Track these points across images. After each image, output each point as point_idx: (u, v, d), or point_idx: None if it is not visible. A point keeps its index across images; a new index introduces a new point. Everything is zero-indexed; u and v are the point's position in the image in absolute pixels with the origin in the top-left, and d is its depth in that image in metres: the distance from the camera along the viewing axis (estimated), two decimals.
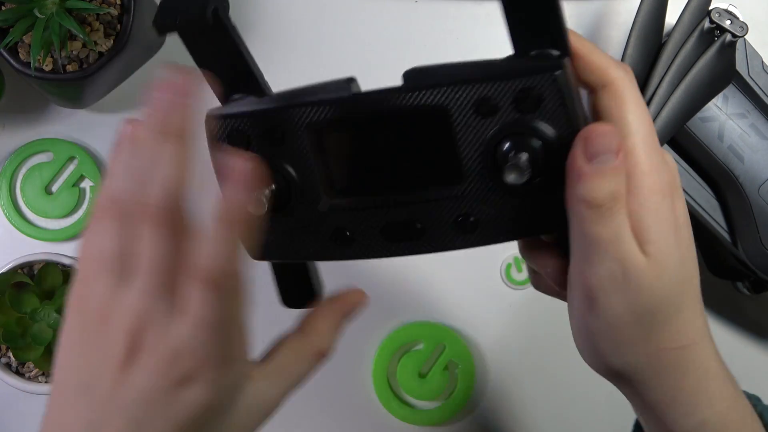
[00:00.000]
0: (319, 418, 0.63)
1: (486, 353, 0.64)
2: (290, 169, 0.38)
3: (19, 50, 0.51)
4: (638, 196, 0.34)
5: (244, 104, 0.39)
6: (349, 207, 0.39)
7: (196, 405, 0.34)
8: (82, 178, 0.62)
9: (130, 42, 0.51)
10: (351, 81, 0.37)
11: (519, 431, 0.64)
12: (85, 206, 0.62)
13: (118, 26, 0.52)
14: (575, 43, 0.36)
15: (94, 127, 0.62)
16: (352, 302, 0.41)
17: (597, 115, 0.36)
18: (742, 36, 0.51)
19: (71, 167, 0.61)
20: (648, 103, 0.51)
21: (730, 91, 0.53)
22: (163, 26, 0.36)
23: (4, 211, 0.61)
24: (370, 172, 0.38)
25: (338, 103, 0.37)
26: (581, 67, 0.36)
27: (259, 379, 0.38)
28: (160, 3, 0.36)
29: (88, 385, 0.34)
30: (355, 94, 0.37)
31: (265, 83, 0.39)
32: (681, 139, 0.53)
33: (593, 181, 0.33)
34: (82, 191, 0.62)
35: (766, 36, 0.65)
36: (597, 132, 0.33)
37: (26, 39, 0.51)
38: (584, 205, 0.33)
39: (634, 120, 0.35)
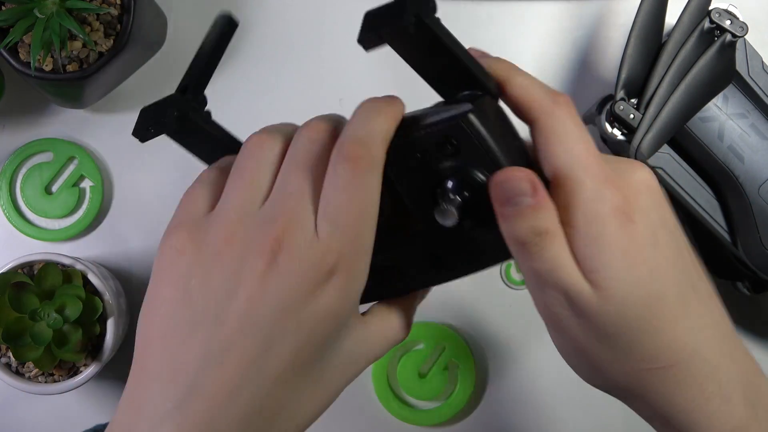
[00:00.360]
0: (319, 418, 0.63)
1: (486, 353, 0.64)
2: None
3: (19, 50, 0.51)
4: (576, 227, 0.34)
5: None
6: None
7: (328, 309, 0.33)
8: (82, 178, 0.62)
9: (130, 42, 0.51)
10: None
11: (519, 431, 0.64)
12: (85, 206, 0.62)
13: (118, 26, 0.52)
14: (509, 79, 0.35)
15: (94, 127, 0.62)
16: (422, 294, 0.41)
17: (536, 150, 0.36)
18: (742, 36, 0.51)
19: (71, 167, 0.61)
20: (648, 104, 0.50)
21: (730, 91, 0.52)
22: (366, 40, 0.35)
23: (4, 211, 0.61)
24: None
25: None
26: (511, 104, 0.36)
27: (359, 332, 0.36)
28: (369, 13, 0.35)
29: (202, 318, 0.33)
30: None
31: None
32: (681, 139, 0.53)
33: (512, 222, 0.33)
34: (82, 191, 0.62)
35: (766, 36, 0.65)
36: (506, 177, 0.34)
37: (26, 39, 0.51)
38: (511, 243, 0.34)
39: (562, 152, 0.34)
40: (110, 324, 0.57)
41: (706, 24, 0.52)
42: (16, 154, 0.61)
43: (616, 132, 0.52)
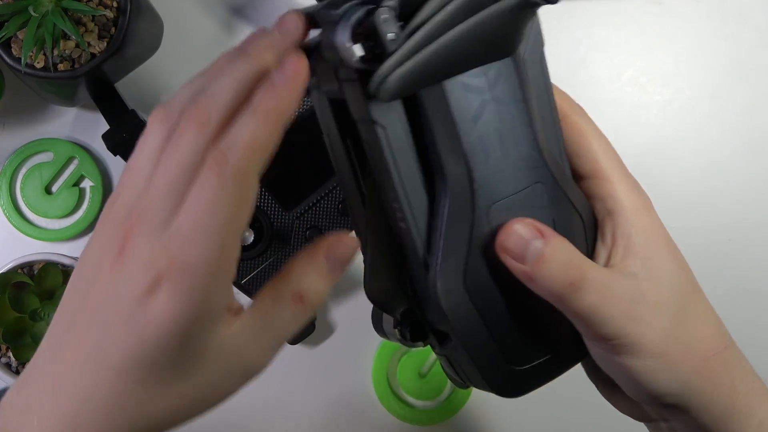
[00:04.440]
0: (319, 418, 0.63)
1: None
2: None
3: (12, 45, 0.52)
4: (623, 215, 0.35)
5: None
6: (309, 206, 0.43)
7: (159, 315, 0.31)
8: (82, 178, 0.62)
9: (124, 45, 0.51)
10: None
11: (519, 431, 0.64)
12: (85, 206, 0.62)
13: (113, 29, 0.52)
14: None
15: (94, 127, 0.62)
16: (330, 242, 0.36)
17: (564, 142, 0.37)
18: (553, 2, 0.33)
19: (71, 167, 0.62)
20: (415, 29, 0.32)
21: (506, 65, 0.35)
22: None
23: (4, 211, 0.61)
24: (308, 173, 0.39)
25: None
26: None
27: (234, 323, 0.34)
28: None
29: (69, 307, 0.33)
30: None
31: None
32: (427, 99, 0.34)
33: (544, 277, 0.33)
34: (82, 191, 0.62)
35: (766, 36, 0.65)
36: (507, 233, 0.34)
37: (20, 35, 0.51)
38: (557, 297, 0.33)
39: (599, 147, 0.37)
40: None
41: None
42: (16, 154, 0.61)
43: (357, 50, 0.32)
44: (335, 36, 0.32)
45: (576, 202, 0.36)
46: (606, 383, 0.40)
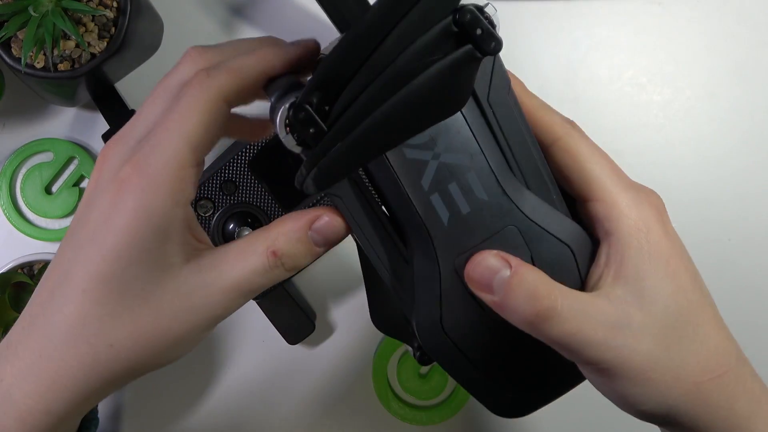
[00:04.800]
0: (319, 418, 0.63)
1: None
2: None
3: (12, 45, 0.52)
4: (620, 237, 0.34)
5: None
6: (308, 207, 0.48)
7: (119, 228, 0.32)
8: (82, 178, 0.62)
9: (124, 45, 0.51)
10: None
11: (519, 431, 0.64)
12: None
13: (113, 29, 0.52)
14: (525, 101, 0.36)
15: (94, 127, 0.62)
16: (321, 217, 0.37)
17: (555, 170, 0.37)
18: (494, 53, 0.31)
19: (71, 167, 0.62)
20: (338, 116, 0.31)
21: (455, 121, 0.35)
22: None
23: (4, 211, 0.61)
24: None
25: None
26: (533, 124, 0.36)
27: (199, 255, 0.35)
28: None
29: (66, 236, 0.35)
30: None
31: None
32: (374, 172, 0.36)
33: (512, 307, 0.33)
34: (82, 191, 0.62)
35: (765, 35, 0.65)
36: (474, 264, 0.34)
37: (20, 35, 0.51)
38: (528, 326, 0.33)
39: (594, 167, 0.36)
40: None
41: (450, 24, 0.31)
42: (16, 154, 0.61)
43: (291, 141, 0.32)
44: (274, 126, 0.33)
45: (560, 233, 0.36)
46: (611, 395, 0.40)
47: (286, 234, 0.35)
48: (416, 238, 0.36)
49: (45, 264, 0.58)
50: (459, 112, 0.34)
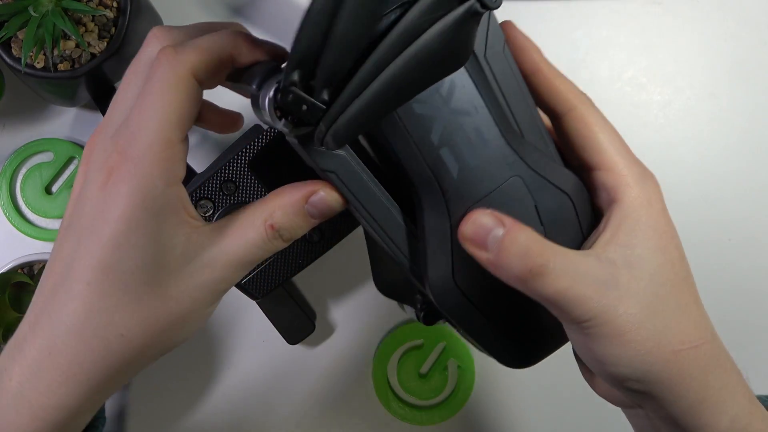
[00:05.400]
0: (319, 418, 0.63)
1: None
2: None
3: (12, 45, 0.52)
4: (623, 206, 0.36)
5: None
6: None
7: (115, 216, 0.32)
8: None
9: (124, 45, 0.51)
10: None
11: (519, 431, 0.64)
12: None
13: (113, 29, 0.52)
14: (543, 68, 0.38)
15: (94, 127, 0.62)
16: (317, 191, 0.37)
17: (566, 138, 0.38)
18: (495, 8, 0.32)
19: (71, 167, 0.62)
20: (345, 79, 0.31)
21: (460, 76, 0.36)
22: None
23: (4, 211, 0.61)
24: (307, 173, 0.41)
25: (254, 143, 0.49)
26: (542, 89, 0.38)
27: (201, 233, 0.35)
28: None
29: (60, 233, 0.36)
30: (265, 129, 0.50)
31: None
32: (385, 130, 0.37)
33: (505, 264, 0.34)
34: None
35: (765, 35, 0.65)
36: (467, 223, 0.35)
37: (20, 35, 0.51)
38: (520, 283, 0.34)
39: (605, 138, 0.37)
40: None
41: None
42: (16, 154, 0.61)
43: (285, 125, 0.33)
44: (263, 115, 0.33)
45: (561, 183, 0.38)
46: (585, 370, 0.41)
47: (283, 207, 0.36)
48: (426, 193, 0.37)
49: (45, 264, 0.58)
50: (465, 70, 0.36)
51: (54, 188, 0.62)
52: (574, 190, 0.38)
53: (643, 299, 0.35)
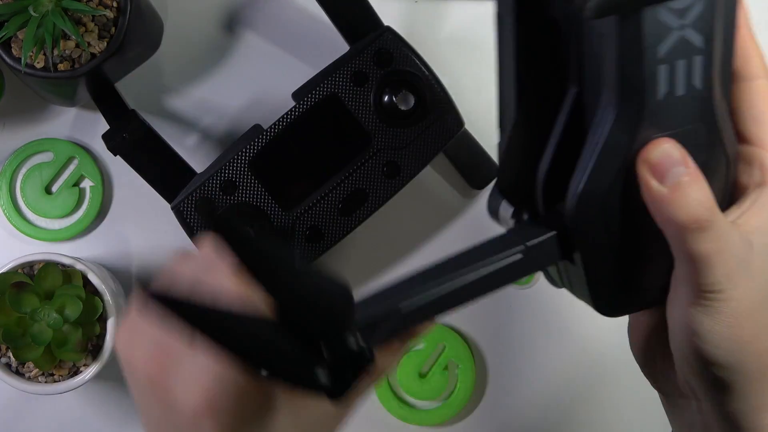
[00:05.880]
0: None
1: (486, 353, 0.63)
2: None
3: (12, 45, 0.52)
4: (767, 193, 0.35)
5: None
6: (309, 207, 0.55)
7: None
8: (82, 178, 0.62)
9: (124, 45, 0.51)
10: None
11: (519, 431, 0.64)
12: (85, 206, 0.62)
13: (113, 29, 0.52)
14: (744, 31, 0.36)
15: (94, 127, 0.62)
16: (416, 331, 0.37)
17: (740, 102, 0.37)
18: None
19: (71, 167, 0.62)
20: None
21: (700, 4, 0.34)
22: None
23: (4, 211, 0.61)
24: (308, 173, 0.41)
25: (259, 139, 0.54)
26: (738, 53, 0.36)
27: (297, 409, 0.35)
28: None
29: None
30: (265, 129, 0.55)
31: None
32: (619, 25, 0.33)
33: (677, 203, 0.33)
34: (82, 191, 0.62)
35: (765, 35, 0.65)
36: (655, 147, 0.34)
37: (20, 35, 0.51)
38: (677, 229, 0.33)
39: None
40: (110, 324, 0.57)
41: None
42: (16, 154, 0.61)
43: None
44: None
45: (729, 148, 0.36)
46: (647, 351, 0.40)
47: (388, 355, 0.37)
48: (623, 100, 0.34)
49: (45, 264, 0.58)
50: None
51: (54, 188, 0.62)
52: (733, 159, 0.37)
53: (764, 291, 0.34)
